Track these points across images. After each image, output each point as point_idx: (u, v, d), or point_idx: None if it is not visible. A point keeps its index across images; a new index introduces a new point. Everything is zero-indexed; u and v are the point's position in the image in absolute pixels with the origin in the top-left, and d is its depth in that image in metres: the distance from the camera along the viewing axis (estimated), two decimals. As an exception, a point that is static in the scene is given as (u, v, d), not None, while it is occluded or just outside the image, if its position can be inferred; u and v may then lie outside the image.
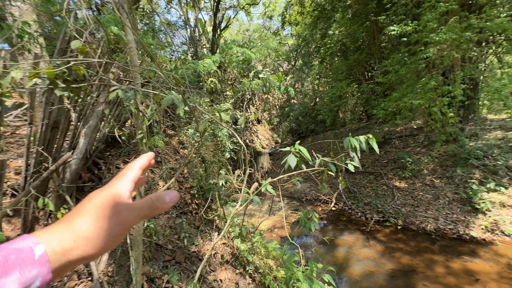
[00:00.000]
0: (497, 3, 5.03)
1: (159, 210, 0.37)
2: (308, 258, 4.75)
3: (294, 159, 1.99)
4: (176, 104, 1.07)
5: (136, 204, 0.36)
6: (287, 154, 2.15)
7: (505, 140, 6.05)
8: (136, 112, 1.22)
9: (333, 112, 7.59)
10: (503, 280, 3.42)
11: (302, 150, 2.01)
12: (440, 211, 5.08)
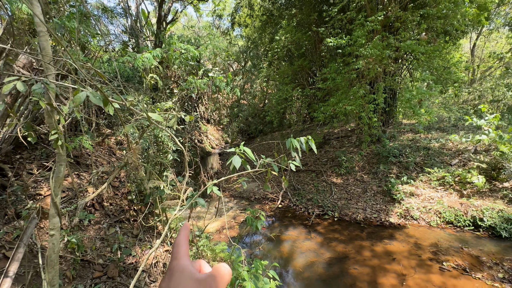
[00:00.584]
0: (408, 27, 6.09)
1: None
2: (256, 255, 4.86)
3: (238, 160, 2.00)
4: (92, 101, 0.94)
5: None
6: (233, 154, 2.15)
7: (414, 141, 7.37)
8: (48, 108, 1.02)
9: (279, 113, 7.98)
10: (412, 257, 4.14)
11: (246, 151, 2.04)
12: (367, 202, 5.85)
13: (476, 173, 5.22)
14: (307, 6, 7.95)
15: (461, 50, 12.80)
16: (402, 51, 5.79)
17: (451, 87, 7.06)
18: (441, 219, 4.83)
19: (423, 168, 6.10)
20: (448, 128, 8.21)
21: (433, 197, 5.31)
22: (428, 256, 4.09)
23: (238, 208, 7.06)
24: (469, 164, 5.67)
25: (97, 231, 2.37)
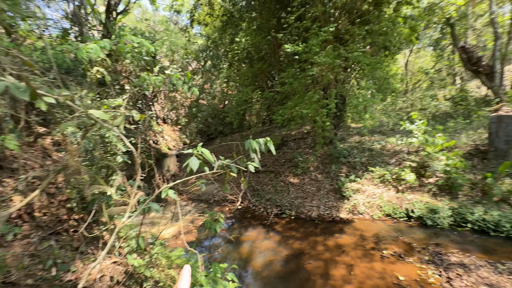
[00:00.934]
0: (356, 40, 6.73)
1: None
2: (216, 259, 4.77)
3: (196, 162, 1.94)
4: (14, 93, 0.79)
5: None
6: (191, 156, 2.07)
7: (360, 143, 8.17)
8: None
9: (239, 115, 8.01)
10: (358, 248, 4.57)
11: (204, 152, 1.99)
12: (321, 200, 6.26)
13: (409, 171, 6.04)
14: (267, 11, 8.18)
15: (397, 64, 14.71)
16: (351, 61, 6.39)
17: (389, 95, 8.06)
18: (381, 213, 5.45)
19: (368, 167, 6.80)
20: (387, 132, 9.33)
21: (376, 193, 5.96)
22: (371, 246, 4.56)
23: (197, 212, 6.85)
24: (403, 163, 6.52)
25: (26, 247, 2.01)
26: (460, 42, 9.82)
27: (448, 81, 14.50)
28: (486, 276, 3.44)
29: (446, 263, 3.80)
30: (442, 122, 9.27)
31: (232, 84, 13.55)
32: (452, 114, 9.98)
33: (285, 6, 7.89)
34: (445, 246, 4.31)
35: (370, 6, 6.63)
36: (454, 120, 8.93)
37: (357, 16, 6.77)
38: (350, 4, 6.77)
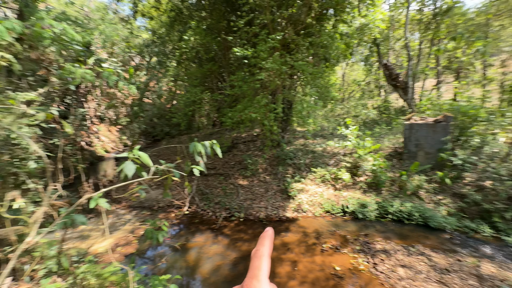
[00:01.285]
0: (300, 50, 7.24)
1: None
2: (161, 269, 4.44)
3: (132, 167, 1.76)
4: None
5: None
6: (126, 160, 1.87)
7: (304, 146, 8.78)
8: None
9: (187, 116, 7.68)
10: (301, 244, 4.87)
11: (141, 156, 1.82)
12: (269, 201, 6.47)
13: (344, 171, 6.76)
14: (217, 12, 8.10)
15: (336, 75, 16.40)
16: (296, 69, 6.82)
17: (329, 103, 8.91)
18: (322, 210, 5.94)
19: (311, 168, 7.35)
20: (328, 136, 10.28)
21: (317, 191, 6.48)
22: (313, 242, 4.92)
23: (138, 220, 6.26)
24: (340, 164, 7.27)
25: None
26: (383, 60, 11.55)
27: (375, 93, 16.88)
28: (401, 258, 4.07)
29: (373, 251, 4.37)
30: (370, 127, 10.71)
31: (181, 83, 12.94)
32: (378, 121, 11.63)
33: (235, 9, 7.96)
34: (372, 236, 4.96)
35: (313, 20, 7.22)
36: (379, 126, 10.42)
37: (301, 28, 7.29)
38: (296, 16, 7.25)
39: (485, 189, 5.32)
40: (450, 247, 4.46)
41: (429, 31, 10.74)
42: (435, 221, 4.99)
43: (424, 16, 11.44)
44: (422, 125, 6.37)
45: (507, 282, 3.36)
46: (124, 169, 1.72)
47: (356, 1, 8.12)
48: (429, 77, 14.64)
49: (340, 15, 7.50)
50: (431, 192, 5.79)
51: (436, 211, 5.27)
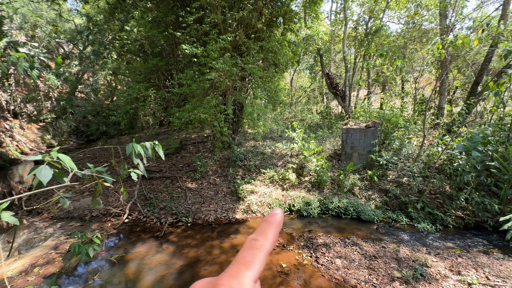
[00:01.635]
0: (251, 53, 7.38)
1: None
2: (95, 287, 3.90)
3: (48, 172, 1.47)
4: None
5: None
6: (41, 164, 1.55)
7: (255, 147, 8.95)
8: None
9: (129, 114, 6.97)
10: (251, 245, 4.92)
11: (63, 158, 1.54)
12: (218, 204, 6.35)
13: (291, 171, 7.13)
14: (165, 5, 7.62)
15: (284, 80, 17.27)
16: (247, 72, 6.91)
17: (279, 106, 9.30)
18: (270, 209, 6.12)
19: (260, 169, 7.52)
20: (277, 138, 10.72)
21: (266, 192, 6.66)
22: (262, 241, 5.03)
23: (64, 234, 5.38)
24: (287, 165, 7.64)
25: None
26: (326, 70, 12.69)
27: (319, 99, 18.40)
28: (339, 250, 4.49)
29: (315, 245, 4.70)
30: (314, 131, 11.61)
31: (121, 78, 11.73)
32: (321, 125, 12.70)
33: (185, 5, 7.62)
34: (315, 231, 5.34)
35: (263, 25, 7.45)
36: (322, 130, 11.37)
37: (252, 32, 7.44)
38: (247, 20, 7.36)
39: (403, 184, 6.32)
40: (377, 236, 5.13)
41: (362, 47, 12.29)
42: (366, 214, 5.68)
43: (358, 34, 13.04)
44: (356, 130, 7.20)
45: (418, 261, 4.04)
46: (37, 175, 1.43)
47: (302, 13, 8.71)
48: (362, 87, 16.72)
49: (288, 24, 7.93)
50: (363, 189, 6.58)
51: (367, 205, 6.01)
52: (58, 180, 1.62)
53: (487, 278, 3.59)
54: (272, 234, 0.35)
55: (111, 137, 12.45)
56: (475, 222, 5.32)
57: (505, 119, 6.70)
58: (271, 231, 0.35)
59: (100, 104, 13.83)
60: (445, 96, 10.90)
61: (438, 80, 9.54)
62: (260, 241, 0.34)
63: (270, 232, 0.35)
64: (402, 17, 13.55)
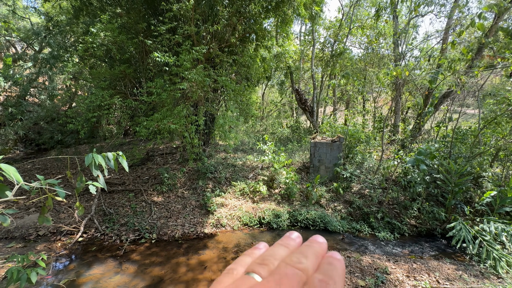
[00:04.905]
0: (224, 66, 7.46)
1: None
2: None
3: (-13, 184, 1.29)
4: None
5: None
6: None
7: (226, 159, 8.87)
8: None
9: (90, 122, 6.46)
10: (219, 261, 4.75)
11: (6, 169, 1.37)
12: (186, 218, 6.08)
13: (262, 183, 7.17)
14: (136, 12, 7.42)
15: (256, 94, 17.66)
16: (219, 84, 6.94)
17: (250, 119, 9.43)
18: (241, 223, 6.04)
19: (231, 182, 7.44)
20: (248, 150, 10.77)
21: (236, 205, 6.57)
22: (232, 256, 4.89)
23: (0, 257, 4.64)
24: (258, 177, 7.68)
25: None
26: (295, 86, 13.31)
27: (289, 113, 19.09)
28: (307, 261, 4.56)
29: (284, 258, 4.71)
30: (284, 144, 11.93)
31: (83, 83, 10.94)
32: (291, 139, 13.11)
33: (158, 14, 7.53)
34: (284, 243, 5.37)
35: (236, 40, 7.64)
36: (291, 143, 11.74)
37: (226, 46, 7.57)
38: (221, 34, 7.50)
39: (365, 196, 6.74)
40: (343, 246, 5.34)
41: (328, 67, 13.23)
42: (332, 225, 5.89)
43: (325, 56, 14.05)
44: (323, 144, 7.58)
45: (379, 269, 4.27)
46: (-28, 188, 1.24)
47: (274, 31, 9.16)
48: (328, 104, 17.81)
49: (261, 41, 8.26)
50: (330, 200, 6.86)
51: (333, 216, 6.25)
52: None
53: (438, 282, 3.92)
54: (341, 281, 0.31)
55: (67, 147, 11.34)
56: (427, 229, 5.84)
57: (448, 137, 7.64)
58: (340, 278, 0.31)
59: (56, 110, 12.61)
60: (399, 115, 12.12)
61: (393, 100, 10.62)
62: (331, 285, 0.29)
63: (339, 278, 0.31)
64: (362, 43, 14.98)
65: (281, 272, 0.30)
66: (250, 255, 0.37)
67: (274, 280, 0.28)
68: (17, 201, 6.44)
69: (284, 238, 0.38)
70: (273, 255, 0.34)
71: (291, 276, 0.29)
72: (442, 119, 9.85)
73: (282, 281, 0.28)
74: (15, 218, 5.85)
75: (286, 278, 0.29)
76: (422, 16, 12.01)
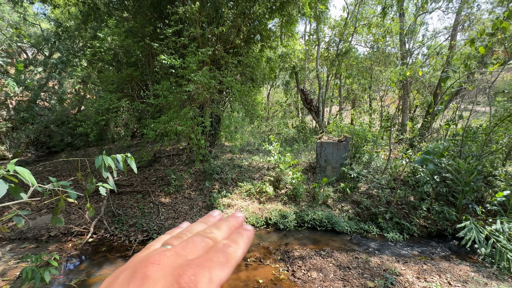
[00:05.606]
0: (229, 67, 7.50)
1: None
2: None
3: (3, 187, 1.33)
4: None
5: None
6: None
7: (232, 160, 8.90)
8: None
9: (99, 125, 6.59)
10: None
11: (21, 172, 1.41)
12: (193, 219, 6.12)
13: (268, 184, 7.16)
14: (142, 16, 7.53)
15: (262, 95, 17.68)
16: (225, 85, 6.98)
17: (255, 120, 9.45)
18: (247, 223, 6.03)
19: (237, 182, 7.46)
20: (254, 151, 10.78)
21: (243, 206, 6.58)
22: (238, 257, 4.90)
23: (14, 257, 4.78)
24: (264, 178, 7.68)
25: None
26: (300, 86, 13.26)
27: (294, 113, 19.02)
28: (315, 262, 4.53)
29: (292, 259, 4.69)
30: (290, 144, 11.89)
31: (92, 86, 11.16)
32: (296, 139, 13.06)
33: (164, 17, 7.63)
34: (291, 244, 5.35)
35: (241, 42, 7.67)
36: (297, 143, 11.69)
37: (231, 47, 7.61)
38: (226, 36, 7.54)
39: (373, 196, 6.65)
40: (350, 247, 5.28)
41: (333, 67, 13.14)
42: (339, 226, 5.84)
43: (330, 55, 13.96)
44: (329, 144, 7.53)
45: (388, 270, 4.21)
46: (-12, 190, 1.28)
47: (279, 32, 9.15)
48: (334, 104, 17.68)
49: (266, 41, 8.27)
50: (337, 201, 6.80)
51: (341, 217, 6.19)
52: (14, 196, 1.47)
53: (449, 284, 3.84)
54: (244, 246, 0.35)
55: (77, 149, 11.58)
56: (437, 230, 5.73)
57: (458, 135, 7.48)
58: (244, 243, 0.35)
59: (66, 114, 12.91)
60: (407, 114, 11.93)
61: (400, 99, 10.46)
62: (233, 247, 0.33)
63: (243, 243, 0.35)
64: (368, 41, 14.82)
65: (189, 239, 0.33)
66: (170, 233, 0.39)
67: (181, 245, 0.32)
68: (30, 202, 6.62)
69: (205, 216, 0.42)
70: (190, 231, 0.37)
71: (198, 242, 0.33)
72: (451, 117, 9.65)
73: (188, 245, 0.32)
74: (28, 219, 6.00)
75: (192, 243, 0.32)
76: (430, 13, 11.82)
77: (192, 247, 0.32)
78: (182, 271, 0.27)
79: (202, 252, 0.31)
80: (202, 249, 0.32)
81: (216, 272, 0.29)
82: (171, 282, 0.26)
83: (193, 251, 0.31)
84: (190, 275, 0.27)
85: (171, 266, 0.28)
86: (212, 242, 0.34)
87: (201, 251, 0.31)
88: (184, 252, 0.31)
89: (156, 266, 0.28)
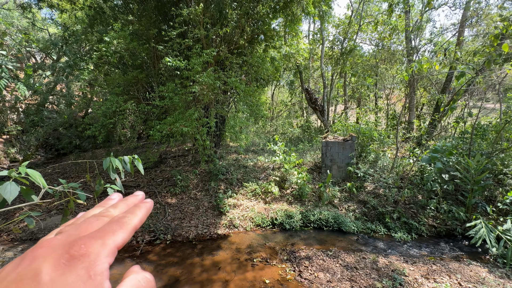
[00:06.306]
0: (234, 68, 7.53)
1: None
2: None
3: (15, 189, 1.37)
4: None
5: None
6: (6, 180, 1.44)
7: (237, 161, 8.92)
8: None
9: (106, 128, 6.68)
10: (233, 262, 4.78)
11: (32, 174, 1.44)
12: (199, 219, 6.16)
13: (273, 184, 7.15)
14: (147, 19, 7.61)
15: (266, 95, 17.67)
16: (229, 86, 7.00)
17: (260, 120, 9.45)
18: (253, 224, 6.05)
19: (243, 183, 7.47)
20: (259, 151, 10.78)
21: (248, 206, 6.59)
22: (245, 257, 4.90)
23: (26, 257, 4.87)
24: (269, 178, 7.67)
25: None
26: (305, 85, 13.21)
27: (299, 113, 18.95)
28: (321, 263, 4.50)
29: (298, 259, 4.68)
30: (295, 144, 11.85)
31: (98, 89, 11.33)
32: (301, 138, 13.01)
33: (168, 19, 7.69)
34: (297, 244, 5.33)
35: (245, 42, 7.69)
36: (302, 143, 11.64)
37: (235, 48, 7.63)
38: (230, 36, 7.57)
39: (380, 195, 6.58)
40: (357, 247, 5.23)
41: (338, 65, 13.04)
42: (346, 226, 5.79)
43: (334, 54, 13.86)
44: (334, 143, 7.47)
45: (396, 271, 4.15)
46: (1, 192, 1.32)
47: (282, 31, 9.13)
48: (339, 103, 17.55)
49: (269, 41, 8.26)
50: (343, 200, 6.74)
51: (347, 216, 6.14)
52: (26, 197, 1.51)
53: (460, 284, 3.77)
54: (141, 214, 0.36)
55: (85, 151, 11.77)
56: (446, 230, 5.62)
57: (467, 133, 7.34)
58: (141, 212, 0.36)
59: (73, 117, 13.15)
60: (414, 112, 11.76)
61: (407, 97, 10.31)
62: (128, 217, 0.34)
63: (140, 212, 0.36)
64: (373, 39, 14.67)
65: (82, 222, 0.33)
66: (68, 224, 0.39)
67: (73, 227, 0.31)
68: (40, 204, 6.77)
69: (104, 200, 0.41)
70: (86, 216, 0.36)
71: (92, 222, 0.32)
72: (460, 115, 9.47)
73: (81, 226, 0.31)
74: (38, 220, 6.13)
75: (85, 223, 0.32)
76: (436, 9, 11.62)
77: (86, 227, 0.31)
78: (73, 243, 0.28)
79: (96, 229, 0.31)
80: (97, 227, 0.32)
81: (110, 237, 0.30)
82: (61, 254, 0.26)
83: (87, 229, 0.31)
84: (81, 244, 0.27)
85: (61, 244, 0.28)
86: (108, 219, 0.34)
87: (96, 229, 0.31)
88: (77, 232, 0.30)
89: (46, 248, 0.28)
